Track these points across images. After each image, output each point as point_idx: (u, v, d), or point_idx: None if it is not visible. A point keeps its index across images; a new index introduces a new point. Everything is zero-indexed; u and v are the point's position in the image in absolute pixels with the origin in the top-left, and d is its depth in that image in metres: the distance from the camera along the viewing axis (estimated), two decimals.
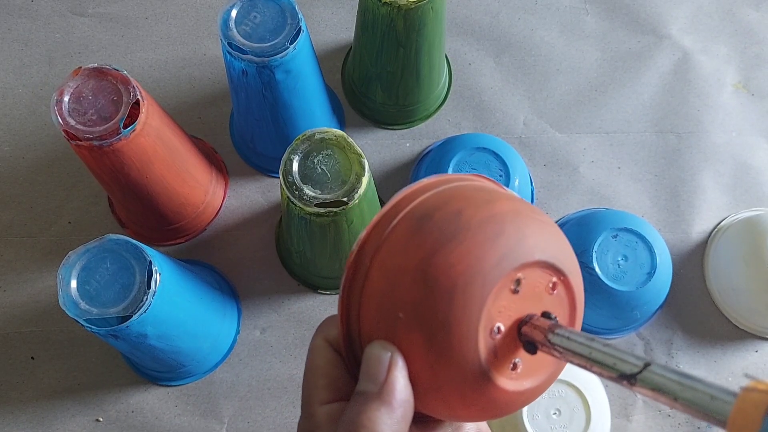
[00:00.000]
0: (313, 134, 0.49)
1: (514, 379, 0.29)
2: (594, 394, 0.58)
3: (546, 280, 0.29)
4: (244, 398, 0.62)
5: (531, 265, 0.28)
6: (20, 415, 0.61)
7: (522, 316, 0.28)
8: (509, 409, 0.30)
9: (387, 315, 0.29)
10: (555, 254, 0.29)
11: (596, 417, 0.57)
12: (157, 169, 0.54)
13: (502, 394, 0.29)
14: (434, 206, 0.30)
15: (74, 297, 0.47)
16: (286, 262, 0.65)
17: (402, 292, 0.28)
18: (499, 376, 0.28)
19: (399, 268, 0.29)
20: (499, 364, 0.28)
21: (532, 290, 0.29)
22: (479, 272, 0.28)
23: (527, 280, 0.28)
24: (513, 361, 0.29)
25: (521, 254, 0.28)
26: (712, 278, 0.66)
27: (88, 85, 0.50)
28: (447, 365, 0.28)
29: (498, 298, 0.28)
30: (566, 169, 0.69)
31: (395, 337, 0.29)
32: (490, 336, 0.28)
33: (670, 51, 0.73)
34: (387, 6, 0.54)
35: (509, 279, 0.28)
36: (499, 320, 0.28)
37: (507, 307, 0.28)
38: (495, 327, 0.28)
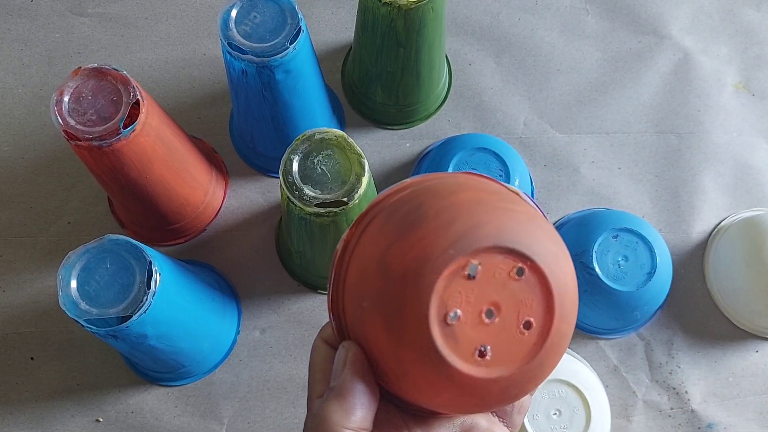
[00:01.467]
0: (313, 134, 0.49)
1: (482, 366, 0.28)
2: (594, 395, 0.58)
3: (508, 266, 0.29)
4: (243, 399, 0.62)
5: (486, 250, 0.28)
6: (19, 416, 0.61)
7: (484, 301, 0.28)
8: (490, 397, 0.29)
9: (358, 305, 0.30)
10: (518, 240, 0.29)
11: (596, 417, 0.57)
12: (156, 170, 0.54)
13: (469, 380, 0.29)
14: (404, 201, 0.31)
15: (74, 297, 0.47)
16: (286, 263, 0.65)
17: (367, 282, 0.30)
18: (462, 361, 0.28)
19: (366, 260, 0.30)
20: (461, 350, 0.28)
21: (492, 276, 0.28)
22: (428, 258, 0.28)
23: (485, 266, 0.28)
24: (479, 348, 0.28)
25: (474, 240, 0.28)
26: (712, 278, 0.66)
27: (87, 85, 0.50)
28: (406, 350, 0.29)
29: (450, 283, 0.28)
30: (567, 170, 0.69)
31: (364, 326, 0.30)
32: (446, 321, 0.28)
33: (671, 51, 0.73)
34: (387, 6, 0.54)
35: (460, 265, 0.28)
36: (456, 306, 0.28)
37: (464, 293, 0.28)
38: (451, 313, 0.28)
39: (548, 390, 0.57)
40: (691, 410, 0.63)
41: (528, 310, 0.29)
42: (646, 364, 0.64)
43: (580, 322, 0.64)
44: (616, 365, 0.64)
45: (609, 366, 0.64)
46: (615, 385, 0.63)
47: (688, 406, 0.63)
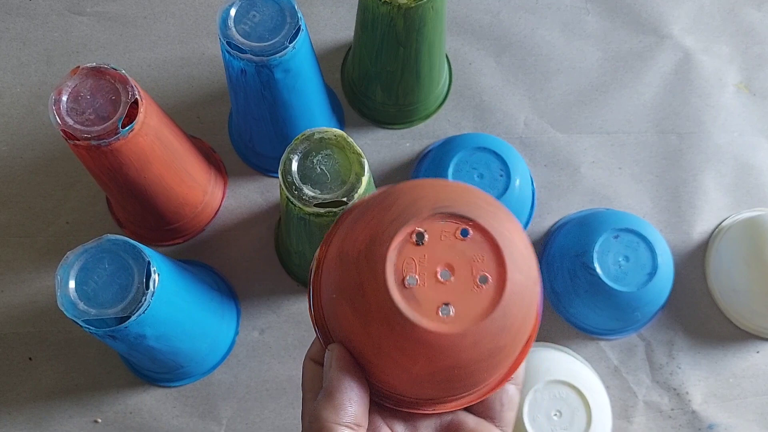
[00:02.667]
0: (313, 134, 0.49)
1: (447, 322, 0.30)
2: (595, 396, 0.58)
3: (452, 228, 0.31)
4: (242, 399, 0.62)
5: (427, 218, 0.31)
6: (18, 416, 0.61)
7: (437, 263, 0.31)
8: (460, 351, 0.31)
9: (329, 300, 0.33)
10: (456, 205, 0.31)
11: (597, 418, 0.57)
12: (155, 169, 0.54)
13: (438, 337, 0.30)
14: (356, 206, 0.35)
15: (72, 297, 0.47)
16: (285, 263, 0.65)
17: (331, 276, 0.33)
18: (427, 319, 0.30)
19: (330, 260, 0.33)
20: (424, 310, 0.30)
21: (439, 240, 0.31)
22: (376, 235, 0.31)
23: (430, 232, 0.31)
24: (440, 305, 0.30)
25: (414, 212, 0.31)
26: (713, 279, 0.66)
27: (86, 84, 0.50)
28: (375, 323, 0.31)
29: (401, 252, 0.31)
30: (567, 170, 0.69)
31: (337, 319, 0.33)
32: (404, 286, 0.30)
33: (672, 51, 0.73)
34: (387, 5, 0.53)
35: (406, 234, 0.31)
36: (411, 272, 0.31)
37: (417, 259, 0.31)
38: (407, 277, 0.30)
39: (549, 391, 0.57)
40: (692, 411, 0.63)
41: (480, 265, 0.31)
42: (647, 364, 0.64)
43: (581, 322, 0.64)
44: (616, 366, 0.64)
45: (609, 367, 0.64)
46: (615, 385, 0.63)
47: (688, 407, 0.63)
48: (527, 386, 0.57)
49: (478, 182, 0.61)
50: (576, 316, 0.64)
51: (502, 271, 0.30)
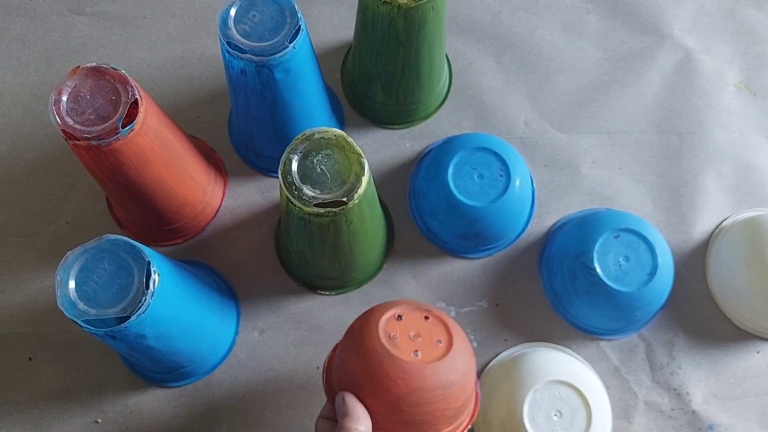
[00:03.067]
0: (313, 134, 0.49)
1: (417, 360, 0.46)
2: (595, 396, 0.57)
3: (420, 314, 0.49)
4: (242, 399, 0.62)
5: (404, 308, 0.49)
6: (18, 417, 0.61)
7: (410, 330, 0.48)
8: (424, 378, 0.46)
9: (339, 361, 0.49)
10: (421, 306, 0.50)
11: (597, 418, 0.57)
12: (155, 169, 0.54)
13: (411, 365, 0.46)
14: None
15: (72, 298, 0.47)
16: (285, 263, 0.65)
17: (340, 348, 0.50)
18: (404, 355, 0.46)
19: (338, 347, 0.51)
20: (402, 352, 0.46)
21: (412, 320, 0.49)
22: (371, 315, 0.49)
23: (406, 315, 0.49)
24: (412, 350, 0.47)
25: (395, 306, 0.49)
26: (713, 279, 0.66)
27: (86, 84, 0.50)
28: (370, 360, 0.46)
29: (388, 322, 0.48)
30: (567, 170, 0.69)
31: (343, 369, 0.48)
32: (390, 338, 0.47)
33: (672, 51, 0.73)
34: (387, 5, 0.53)
35: (392, 315, 0.49)
36: (394, 332, 0.48)
37: (397, 327, 0.48)
38: (391, 334, 0.47)
39: (549, 391, 0.57)
40: (692, 411, 0.63)
41: (437, 335, 0.48)
42: (647, 365, 0.64)
43: (581, 322, 0.64)
44: (617, 366, 0.64)
45: (610, 367, 0.64)
46: (616, 386, 0.63)
47: (689, 407, 0.63)
48: (527, 386, 0.57)
49: (478, 182, 0.61)
50: (576, 316, 0.64)
51: (450, 339, 0.48)
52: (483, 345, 0.64)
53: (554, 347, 0.64)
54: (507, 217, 0.63)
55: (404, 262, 0.66)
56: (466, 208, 0.61)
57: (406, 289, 0.65)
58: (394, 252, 0.66)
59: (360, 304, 0.64)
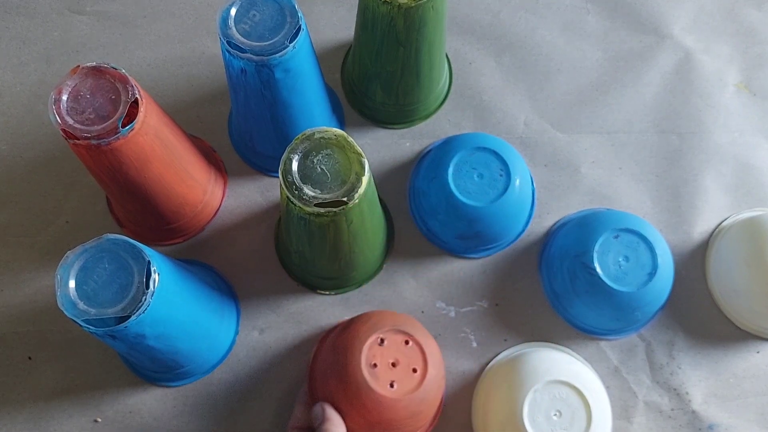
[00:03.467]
0: (313, 133, 0.49)
1: (392, 392, 0.52)
2: (595, 396, 0.57)
3: (401, 338, 0.54)
4: (242, 399, 0.62)
5: (387, 331, 0.54)
6: (17, 416, 0.61)
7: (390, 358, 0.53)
8: (397, 410, 0.52)
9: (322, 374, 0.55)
10: (403, 326, 0.54)
11: (597, 418, 0.56)
12: (155, 169, 0.54)
13: (386, 399, 0.52)
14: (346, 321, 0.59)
15: (72, 297, 0.47)
16: (285, 262, 0.65)
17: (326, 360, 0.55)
18: (381, 389, 0.52)
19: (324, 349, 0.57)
20: (379, 384, 0.52)
21: (393, 344, 0.54)
22: (356, 337, 0.54)
23: (388, 339, 0.54)
24: (390, 382, 0.52)
25: (380, 326, 0.54)
26: (713, 279, 0.66)
27: (86, 83, 0.50)
28: (350, 388, 0.52)
29: (370, 348, 0.53)
30: (567, 170, 0.69)
31: (325, 386, 0.54)
32: (370, 367, 0.52)
33: (672, 51, 0.73)
34: (387, 5, 0.53)
35: (375, 339, 0.53)
36: (375, 360, 0.53)
37: (378, 353, 0.53)
38: (372, 363, 0.53)
39: (549, 391, 0.57)
40: (692, 411, 0.63)
41: (414, 363, 0.53)
42: (647, 365, 0.64)
43: (581, 322, 0.64)
44: (616, 366, 0.64)
45: (610, 367, 0.64)
46: (616, 386, 0.63)
47: (689, 407, 0.63)
48: (527, 386, 0.57)
49: (478, 182, 0.61)
50: (576, 316, 0.64)
51: (425, 367, 0.53)
52: (483, 345, 0.64)
53: (554, 347, 0.63)
54: (507, 217, 0.63)
55: (404, 262, 0.66)
56: (466, 208, 0.61)
57: (406, 289, 0.65)
58: (394, 252, 0.66)
59: (360, 304, 0.64)
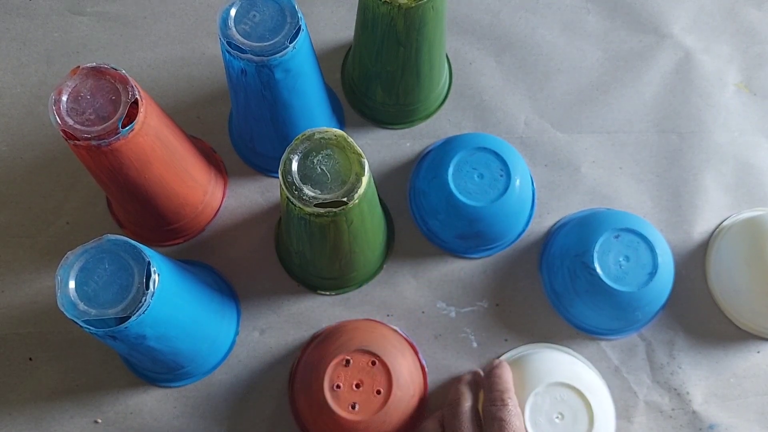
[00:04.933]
0: (313, 134, 0.49)
1: (354, 414, 0.54)
2: (597, 397, 0.57)
3: (367, 359, 0.55)
4: (243, 399, 0.62)
5: (354, 351, 0.55)
6: (18, 417, 0.61)
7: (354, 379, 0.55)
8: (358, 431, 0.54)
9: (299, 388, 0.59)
10: (371, 345, 0.56)
11: (599, 419, 0.56)
12: (155, 169, 0.54)
13: (348, 422, 0.54)
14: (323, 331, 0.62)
15: (72, 298, 0.47)
16: (285, 263, 0.65)
17: (299, 374, 0.59)
18: (344, 412, 0.54)
19: (302, 362, 0.60)
20: (342, 406, 0.54)
21: (359, 365, 0.55)
22: (324, 357, 0.56)
23: (354, 359, 0.55)
24: (351, 404, 0.54)
25: (349, 346, 0.56)
26: (713, 279, 0.66)
27: (86, 84, 0.50)
28: (314, 407, 0.55)
29: (335, 369, 0.55)
30: (567, 169, 0.69)
31: (299, 399, 0.59)
32: (334, 389, 0.54)
33: (672, 50, 0.73)
34: (387, 5, 0.53)
35: (341, 359, 0.55)
36: (339, 381, 0.54)
37: (343, 374, 0.55)
38: (335, 385, 0.54)
39: (550, 394, 0.57)
40: (693, 411, 0.63)
41: (379, 384, 0.55)
42: (648, 364, 0.64)
43: (581, 322, 0.64)
44: (617, 366, 0.64)
45: (610, 367, 0.64)
46: (616, 386, 0.63)
47: (689, 407, 0.63)
48: (528, 389, 0.57)
49: (478, 182, 0.61)
50: (576, 316, 0.64)
51: (390, 389, 0.54)
52: (483, 345, 0.64)
53: (555, 348, 0.63)
54: (507, 217, 0.63)
55: (404, 262, 0.66)
56: (466, 208, 0.61)
57: (406, 290, 0.65)
58: (394, 252, 0.66)
59: (360, 304, 0.64)
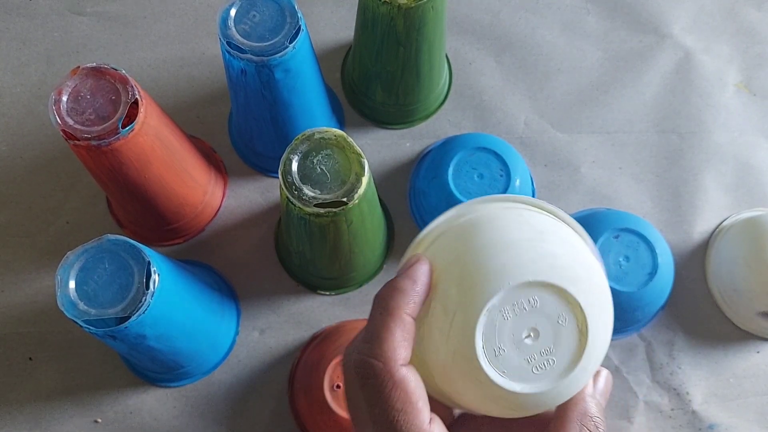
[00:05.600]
0: (313, 134, 0.49)
1: None
2: (591, 298, 0.35)
3: None
4: (242, 399, 0.62)
5: None
6: (18, 416, 0.61)
7: None
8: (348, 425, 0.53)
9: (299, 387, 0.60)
10: None
11: (595, 332, 0.35)
12: (155, 169, 0.54)
13: (345, 422, 0.53)
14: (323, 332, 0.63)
15: (72, 298, 0.47)
16: (285, 263, 0.65)
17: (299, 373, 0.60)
18: (341, 411, 0.53)
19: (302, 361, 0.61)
20: (340, 405, 0.53)
21: None
22: (323, 357, 0.55)
23: None
24: None
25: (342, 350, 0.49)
26: (713, 279, 0.66)
27: (86, 84, 0.50)
28: (314, 406, 0.56)
29: (335, 369, 0.54)
30: (567, 169, 0.69)
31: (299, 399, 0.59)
32: (334, 389, 0.54)
33: (672, 50, 0.73)
34: (387, 5, 0.53)
35: (341, 359, 0.43)
36: (339, 381, 0.54)
37: (340, 376, 0.53)
38: (335, 384, 0.54)
39: (517, 300, 0.34)
40: (692, 411, 0.63)
41: None
42: (647, 364, 0.64)
43: None
44: (617, 366, 0.64)
45: (610, 367, 0.64)
46: (616, 385, 0.63)
47: (689, 407, 0.63)
48: (478, 302, 0.34)
49: (478, 182, 0.61)
50: None
51: None
52: None
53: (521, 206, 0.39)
54: None
55: None
56: None
57: None
58: (394, 252, 0.66)
59: (360, 304, 0.64)
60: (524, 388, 0.35)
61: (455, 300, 0.35)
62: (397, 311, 0.35)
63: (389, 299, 0.35)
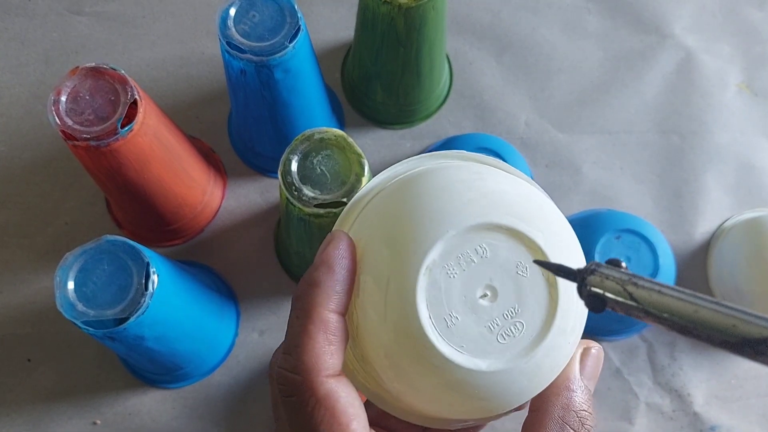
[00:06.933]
0: (313, 134, 0.49)
1: None
2: (551, 237, 0.28)
3: None
4: (242, 401, 0.62)
5: None
6: (16, 418, 0.61)
7: None
8: None
9: None
10: None
11: (565, 293, 0.28)
12: (154, 169, 0.54)
13: None
14: None
15: (71, 299, 0.47)
16: (284, 263, 0.65)
17: None
18: None
19: None
20: None
21: None
22: None
23: None
24: None
25: None
26: (715, 279, 0.65)
27: (85, 84, 0.50)
28: None
29: None
30: (568, 170, 0.69)
31: None
32: None
33: (673, 50, 0.73)
34: (387, 5, 0.53)
35: None
36: None
37: None
38: None
39: (458, 256, 0.28)
40: (694, 413, 0.63)
41: None
42: (649, 366, 0.64)
43: None
44: (618, 367, 0.63)
45: (611, 368, 0.63)
46: (617, 387, 0.63)
47: (690, 409, 0.63)
48: (419, 254, 0.27)
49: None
50: None
51: None
52: None
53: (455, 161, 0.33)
54: None
55: None
56: None
57: None
58: None
59: None
60: (492, 365, 0.27)
61: (387, 265, 0.28)
62: (315, 311, 0.27)
63: (304, 297, 0.28)
